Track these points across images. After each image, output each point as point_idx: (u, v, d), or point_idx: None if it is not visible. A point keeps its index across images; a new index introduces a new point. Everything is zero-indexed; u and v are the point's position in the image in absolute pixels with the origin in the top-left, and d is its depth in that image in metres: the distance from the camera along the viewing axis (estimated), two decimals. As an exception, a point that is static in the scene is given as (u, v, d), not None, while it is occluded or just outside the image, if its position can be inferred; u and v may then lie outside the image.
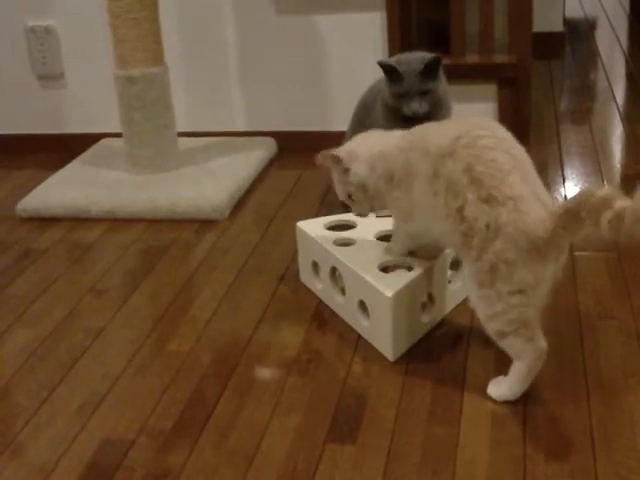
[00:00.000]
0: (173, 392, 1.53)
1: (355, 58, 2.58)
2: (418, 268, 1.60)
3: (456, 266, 1.71)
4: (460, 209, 1.37)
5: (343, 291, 1.70)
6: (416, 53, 1.96)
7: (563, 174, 2.38)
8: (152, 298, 1.88)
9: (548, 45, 3.45)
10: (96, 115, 2.78)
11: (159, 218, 2.26)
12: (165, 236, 2.18)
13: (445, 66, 1.97)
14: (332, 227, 1.83)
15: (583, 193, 1.26)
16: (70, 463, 1.37)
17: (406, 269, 1.62)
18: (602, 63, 3.54)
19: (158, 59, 2.41)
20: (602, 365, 1.52)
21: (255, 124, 2.73)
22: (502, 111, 2.56)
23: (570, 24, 3.98)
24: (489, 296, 1.38)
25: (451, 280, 1.71)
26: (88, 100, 2.79)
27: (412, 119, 1.84)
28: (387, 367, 1.56)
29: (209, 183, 2.35)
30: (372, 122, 1.99)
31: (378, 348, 1.60)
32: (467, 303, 1.55)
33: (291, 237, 1.92)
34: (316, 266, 1.79)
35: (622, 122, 2.80)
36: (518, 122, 2.50)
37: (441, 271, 1.65)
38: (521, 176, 1.36)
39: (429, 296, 1.64)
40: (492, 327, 1.41)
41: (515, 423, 1.38)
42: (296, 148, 2.59)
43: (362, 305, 1.63)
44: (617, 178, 2.37)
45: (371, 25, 2.55)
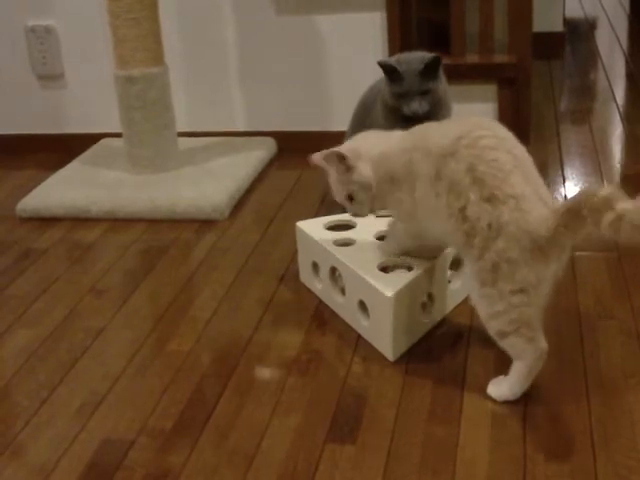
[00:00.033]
0: (173, 392, 1.53)
1: (355, 58, 2.58)
2: (418, 268, 1.60)
3: (456, 266, 1.71)
4: (462, 209, 1.37)
5: (343, 291, 1.70)
6: (416, 53, 1.96)
7: (563, 174, 2.38)
8: (152, 298, 1.88)
9: (548, 45, 3.45)
10: (96, 115, 2.78)
11: (159, 218, 2.26)
12: (165, 236, 2.18)
13: (445, 66, 1.97)
14: (332, 227, 1.83)
15: (585, 192, 1.26)
16: (70, 463, 1.37)
17: (406, 269, 1.62)
18: (602, 63, 3.54)
19: (158, 59, 2.41)
20: (602, 365, 1.52)
21: (255, 124, 2.73)
22: (502, 111, 2.56)
23: (570, 24, 3.98)
24: (491, 295, 1.38)
25: (451, 280, 1.71)
26: (88, 100, 2.79)
27: (412, 119, 1.84)
28: (387, 367, 1.56)
29: (209, 183, 2.35)
30: (372, 122, 1.99)
31: (378, 348, 1.60)
32: (468, 302, 1.55)
33: (291, 237, 1.92)
34: (316, 266, 1.79)
35: (622, 122, 2.80)
36: (518, 122, 2.50)
37: (441, 271, 1.65)
38: (522, 176, 1.36)
39: (429, 296, 1.64)
40: (493, 326, 1.41)
41: (515, 423, 1.38)
42: (296, 148, 2.58)
43: (362, 305, 1.63)
44: (617, 178, 2.37)
45: (371, 25, 2.55)
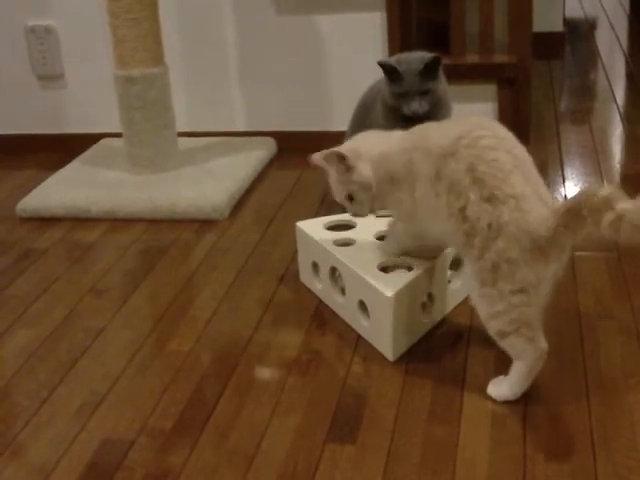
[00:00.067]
0: (173, 392, 1.53)
1: (355, 58, 2.58)
2: (418, 268, 1.60)
3: (456, 266, 1.70)
4: (462, 209, 1.37)
5: (343, 291, 1.70)
6: (416, 53, 1.96)
7: (563, 174, 2.38)
8: (152, 298, 1.88)
9: (548, 45, 3.45)
10: (96, 115, 2.78)
11: (159, 218, 2.26)
12: (165, 236, 2.18)
13: (445, 66, 1.97)
14: (332, 227, 1.83)
15: (585, 192, 1.26)
16: (70, 463, 1.37)
17: (406, 269, 1.62)
18: (602, 63, 3.54)
19: (158, 59, 2.41)
20: (602, 365, 1.52)
21: (255, 124, 2.73)
22: (502, 111, 2.56)
23: (570, 24, 3.98)
24: (491, 295, 1.38)
25: (451, 280, 1.71)
26: (88, 100, 2.79)
27: (412, 119, 1.84)
28: (387, 367, 1.56)
29: (209, 183, 2.35)
30: (372, 122, 1.99)
31: (378, 348, 1.60)
32: (468, 302, 1.55)
33: (291, 237, 1.91)
34: (316, 266, 1.79)
35: (622, 122, 2.79)
36: (518, 122, 2.50)
37: (441, 271, 1.65)
38: (522, 176, 1.36)
39: (429, 296, 1.64)
40: (493, 326, 1.41)
41: (515, 423, 1.38)
42: (296, 148, 2.58)
43: (362, 305, 1.63)
44: (617, 178, 2.37)
45: (371, 25, 2.55)
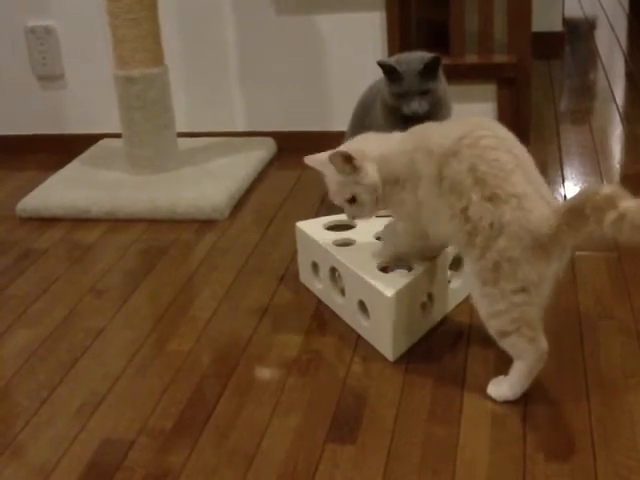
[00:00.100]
0: (173, 392, 1.53)
1: (355, 58, 2.59)
2: (418, 268, 1.60)
3: (456, 266, 1.70)
4: (464, 209, 1.37)
5: (343, 291, 1.70)
6: (416, 53, 1.96)
7: (563, 174, 2.38)
8: (152, 298, 1.88)
9: (548, 45, 3.45)
10: (96, 115, 2.78)
11: (159, 218, 2.26)
12: (165, 236, 2.18)
13: (445, 66, 1.97)
14: (332, 227, 1.83)
15: (587, 191, 1.27)
16: (70, 463, 1.37)
17: (406, 269, 1.62)
18: (602, 63, 3.54)
19: (158, 59, 2.41)
20: (602, 365, 1.52)
21: (255, 124, 2.73)
22: (502, 111, 2.56)
23: (569, 24, 3.98)
24: (492, 294, 1.38)
25: (451, 280, 1.71)
26: (88, 100, 2.79)
27: (412, 119, 1.84)
28: (387, 367, 1.56)
29: (209, 183, 2.35)
30: (372, 122, 1.99)
31: (378, 348, 1.60)
32: (468, 302, 1.55)
33: (291, 237, 1.91)
34: (316, 266, 1.79)
35: (622, 122, 2.80)
36: (518, 122, 2.50)
37: (441, 271, 1.65)
38: (524, 175, 1.36)
39: (429, 296, 1.64)
40: (494, 326, 1.41)
41: (515, 423, 1.38)
42: (296, 148, 2.56)
43: (362, 305, 1.63)
44: (617, 178, 2.37)
45: (371, 25, 2.55)
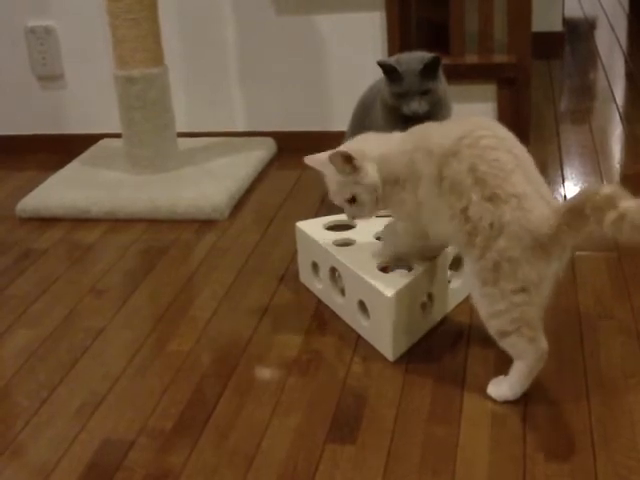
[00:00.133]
0: (173, 392, 1.53)
1: (355, 58, 2.58)
2: (418, 268, 1.60)
3: (456, 266, 1.71)
4: (464, 209, 1.37)
5: (343, 291, 1.70)
6: (416, 53, 1.96)
7: (563, 174, 2.38)
8: (152, 298, 1.88)
9: (548, 45, 3.45)
10: (96, 115, 2.78)
11: (159, 218, 2.26)
12: (165, 236, 2.18)
13: (444, 66, 1.97)
14: (332, 227, 1.83)
15: (587, 191, 1.27)
16: (70, 463, 1.37)
17: (406, 269, 1.62)
18: (602, 63, 3.54)
19: (158, 59, 2.41)
20: (602, 365, 1.52)
21: (255, 124, 2.73)
22: (502, 111, 2.56)
23: (569, 24, 3.98)
24: (492, 294, 1.38)
25: (451, 280, 1.71)
26: (88, 100, 2.79)
27: (412, 119, 1.84)
28: (387, 367, 1.56)
29: (209, 183, 2.35)
30: (372, 122, 1.99)
31: (378, 348, 1.60)
32: (468, 302, 1.55)
33: (291, 237, 1.91)
34: (316, 266, 1.79)
35: (622, 122, 2.80)
36: (518, 122, 2.50)
37: (441, 271, 1.65)
38: (524, 175, 1.36)
39: (429, 296, 1.64)
40: (494, 326, 1.41)
41: (515, 423, 1.38)
42: (296, 148, 2.56)
43: (362, 305, 1.63)
44: (617, 178, 2.37)
45: (371, 25, 2.55)
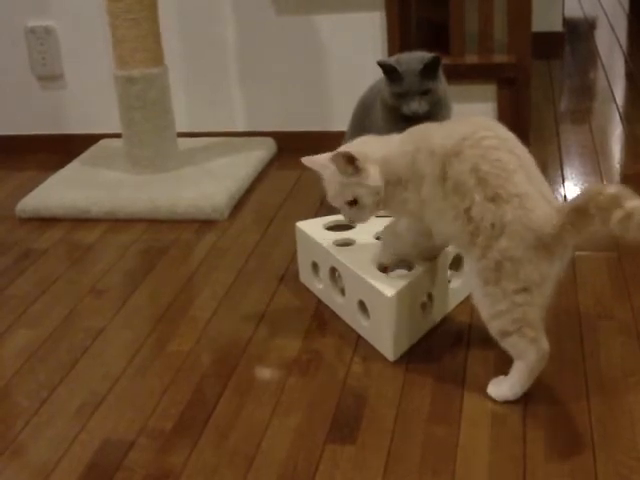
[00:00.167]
0: (173, 392, 1.53)
1: (355, 58, 2.58)
2: (418, 268, 1.60)
3: (456, 266, 1.71)
4: (467, 210, 1.37)
5: (343, 291, 1.70)
6: (416, 53, 1.96)
7: (563, 174, 2.38)
8: (152, 298, 1.88)
9: (548, 45, 3.45)
10: (96, 115, 2.78)
11: (159, 218, 2.26)
12: (165, 236, 2.18)
13: (444, 66, 1.97)
14: (332, 227, 1.83)
15: (591, 190, 1.27)
16: (70, 463, 1.37)
17: (406, 269, 1.62)
18: (602, 63, 3.54)
19: (158, 59, 2.41)
20: (602, 365, 1.52)
21: (255, 124, 2.73)
22: (502, 111, 2.56)
23: (569, 24, 3.98)
24: (494, 294, 1.38)
25: (451, 280, 1.71)
26: (88, 100, 2.79)
27: (412, 119, 1.84)
28: (387, 367, 1.56)
29: (209, 183, 2.35)
30: (372, 122, 1.99)
31: (378, 348, 1.60)
32: (468, 301, 1.54)
33: (291, 237, 1.91)
34: (316, 266, 1.79)
35: (622, 122, 2.80)
36: (518, 122, 2.50)
37: (441, 271, 1.65)
38: (526, 175, 1.36)
39: (429, 296, 1.64)
40: (495, 326, 1.41)
41: (515, 423, 1.38)
42: (296, 148, 2.56)
43: (362, 305, 1.63)
44: (617, 178, 2.37)
45: (371, 25, 2.55)
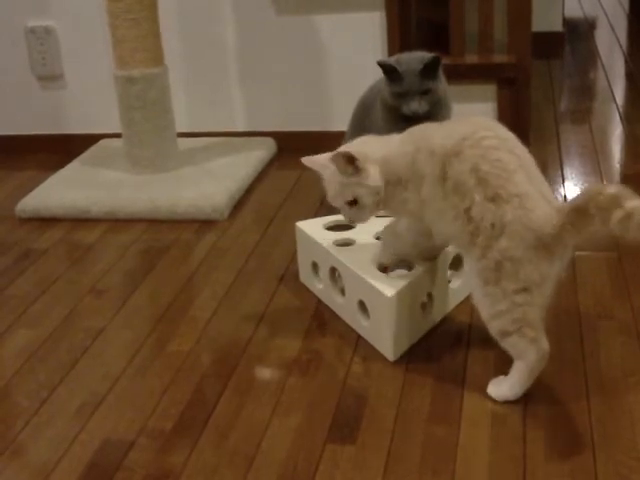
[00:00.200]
0: (173, 392, 1.53)
1: (355, 58, 2.58)
2: (418, 268, 1.60)
3: (456, 266, 1.70)
4: (468, 210, 1.37)
5: (343, 291, 1.70)
6: (416, 53, 1.96)
7: (563, 174, 2.38)
8: (152, 298, 1.88)
9: (548, 45, 3.45)
10: (96, 115, 2.78)
11: (159, 218, 2.26)
12: (165, 236, 2.18)
13: (444, 66, 1.97)
14: (332, 227, 1.83)
15: (591, 190, 1.27)
16: (70, 463, 1.37)
17: (406, 269, 1.62)
18: (602, 63, 3.54)
19: (158, 59, 2.41)
20: (602, 365, 1.52)
21: (255, 124, 2.73)
22: (502, 111, 2.56)
23: (569, 24, 3.98)
24: (494, 294, 1.38)
25: (451, 280, 1.71)
26: (88, 100, 2.79)
27: (412, 119, 1.84)
28: (387, 367, 1.56)
29: (209, 183, 2.35)
30: (372, 122, 1.99)
31: (378, 348, 1.60)
32: (468, 301, 1.54)
33: (291, 237, 1.91)
34: (316, 266, 1.79)
35: (622, 122, 2.80)
36: (518, 122, 2.50)
37: (441, 271, 1.65)
38: (526, 175, 1.36)
39: (429, 296, 1.64)
40: (495, 326, 1.41)
41: (515, 423, 1.38)
42: (296, 148, 2.56)
43: (362, 305, 1.63)
44: (617, 178, 2.37)
45: (371, 25, 2.55)
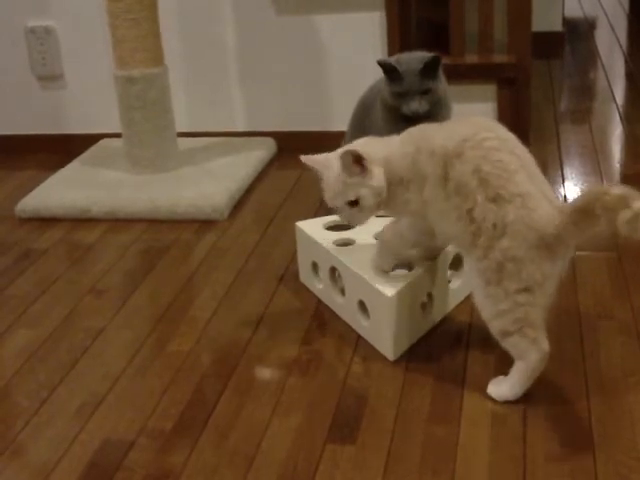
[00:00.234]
0: (173, 392, 1.53)
1: (355, 58, 2.58)
2: (418, 268, 1.60)
3: (456, 266, 1.70)
4: (470, 211, 1.37)
5: (343, 291, 1.70)
6: (416, 52, 1.96)
7: (563, 174, 2.38)
8: (152, 298, 1.88)
9: (548, 45, 3.45)
10: (96, 115, 2.78)
11: (159, 218, 2.26)
12: (165, 236, 2.18)
13: (444, 66, 1.97)
14: (332, 227, 1.83)
15: (595, 191, 1.27)
16: (70, 463, 1.37)
17: (406, 269, 1.62)
18: (602, 63, 3.54)
19: (158, 59, 2.41)
20: (602, 365, 1.52)
21: (255, 124, 2.73)
22: (502, 111, 2.56)
23: (569, 24, 3.98)
24: (495, 294, 1.38)
25: (451, 279, 1.71)
26: (88, 100, 2.79)
27: (412, 119, 1.84)
28: (387, 367, 1.56)
29: (209, 183, 2.35)
30: (372, 122, 1.99)
31: (378, 348, 1.60)
32: (468, 301, 1.54)
33: (291, 237, 1.92)
34: (316, 266, 1.79)
35: (622, 122, 2.80)
36: (518, 122, 2.50)
37: (441, 271, 1.65)
38: (527, 175, 1.37)
39: (429, 296, 1.64)
40: (496, 326, 1.41)
41: (515, 423, 1.38)
42: (296, 148, 2.55)
43: (362, 305, 1.63)
44: (617, 178, 2.37)
45: (371, 25, 2.55)
